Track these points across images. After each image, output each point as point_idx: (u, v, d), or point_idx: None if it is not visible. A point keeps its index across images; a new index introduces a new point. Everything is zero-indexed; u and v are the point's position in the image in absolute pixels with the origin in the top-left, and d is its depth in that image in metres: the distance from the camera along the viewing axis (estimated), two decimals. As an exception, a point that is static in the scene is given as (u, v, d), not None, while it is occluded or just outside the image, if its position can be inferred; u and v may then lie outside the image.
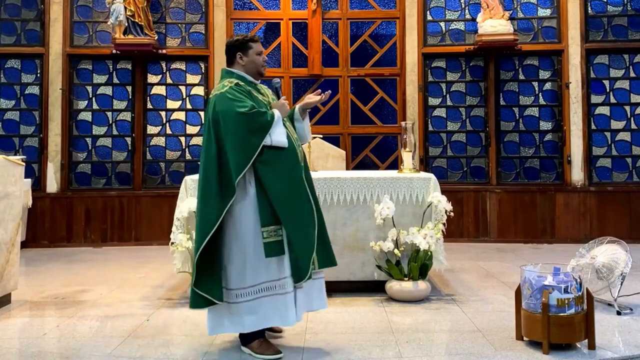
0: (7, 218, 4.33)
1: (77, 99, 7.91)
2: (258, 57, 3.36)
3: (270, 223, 3.13)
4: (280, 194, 3.14)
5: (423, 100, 7.92)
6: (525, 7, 7.95)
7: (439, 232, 4.55)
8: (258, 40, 3.40)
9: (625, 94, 7.83)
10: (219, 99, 3.20)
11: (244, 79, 3.33)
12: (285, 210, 3.13)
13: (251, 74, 3.36)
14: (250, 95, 3.26)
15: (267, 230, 3.12)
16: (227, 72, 3.37)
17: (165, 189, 7.75)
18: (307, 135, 3.54)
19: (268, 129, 3.15)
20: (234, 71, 3.36)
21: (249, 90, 3.27)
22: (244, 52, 3.34)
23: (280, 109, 3.28)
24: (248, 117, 3.12)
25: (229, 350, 3.39)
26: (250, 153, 3.10)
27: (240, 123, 3.11)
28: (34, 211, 7.37)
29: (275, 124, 3.18)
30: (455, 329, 3.78)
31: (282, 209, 3.13)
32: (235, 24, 8.21)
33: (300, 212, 3.18)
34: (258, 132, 3.13)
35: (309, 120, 3.54)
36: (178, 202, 4.63)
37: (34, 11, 7.87)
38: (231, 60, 3.38)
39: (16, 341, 3.64)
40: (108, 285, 5.17)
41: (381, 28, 8.31)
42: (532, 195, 7.69)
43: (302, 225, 3.18)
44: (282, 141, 3.18)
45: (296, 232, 3.14)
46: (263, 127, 3.14)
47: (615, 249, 4.16)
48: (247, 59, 3.34)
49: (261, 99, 3.32)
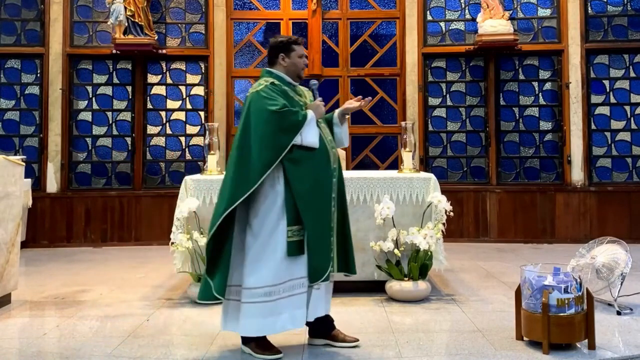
0: (7, 218, 4.32)
1: (77, 99, 7.91)
2: (300, 59, 3.39)
3: (295, 222, 3.14)
4: (304, 193, 3.14)
5: (423, 100, 7.92)
6: (525, 7, 7.95)
7: (439, 232, 4.55)
8: (301, 43, 3.45)
9: (625, 94, 7.83)
10: (254, 97, 3.25)
11: (282, 79, 3.36)
12: (307, 211, 3.13)
13: (291, 75, 3.39)
14: (285, 94, 3.28)
15: (291, 230, 3.14)
16: (267, 71, 3.42)
17: (165, 189, 7.75)
18: (344, 140, 3.55)
19: (299, 128, 3.16)
20: (273, 71, 3.40)
21: (284, 90, 3.30)
22: (287, 53, 3.37)
23: (315, 110, 3.29)
24: (279, 116, 3.15)
25: (229, 350, 3.38)
26: (279, 151, 3.12)
27: (271, 121, 3.14)
28: (34, 211, 7.37)
29: (308, 124, 3.20)
30: (455, 329, 3.78)
31: (305, 208, 3.13)
32: (235, 24, 8.21)
33: (319, 214, 3.18)
34: (288, 130, 3.15)
35: (347, 126, 3.56)
36: (178, 202, 4.63)
37: (34, 11, 7.87)
38: (273, 60, 3.42)
39: (16, 341, 3.64)
40: (108, 285, 5.17)
41: (381, 28, 8.32)
42: (532, 195, 7.69)
43: (321, 228, 3.17)
44: (313, 142, 3.20)
45: (314, 233, 3.14)
46: (294, 126, 3.16)
47: (615, 249, 4.16)
48: (289, 60, 3.37)
49: (297, 100, 3.34)
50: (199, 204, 4.55)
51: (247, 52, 8.28)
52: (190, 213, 4.49)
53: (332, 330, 3.43)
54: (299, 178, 3.15)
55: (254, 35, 8.26)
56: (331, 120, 3.50)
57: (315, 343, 3.44)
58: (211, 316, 4.10)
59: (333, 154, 3.33)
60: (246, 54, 8.27)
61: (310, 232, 3.13)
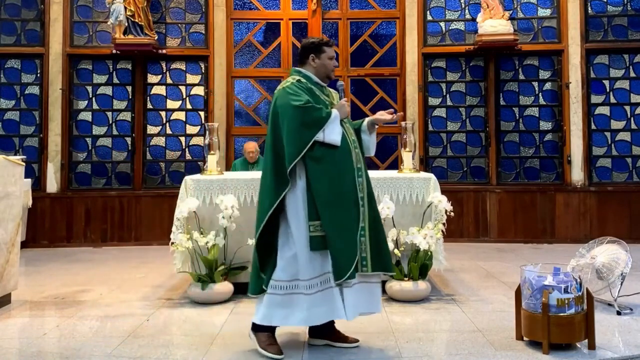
0: (7, 218, 4.32)
1: (77, 99, 7.91)
2: (330, 61, 3.41)
3: (316, 218, 3.16)
4: (323, 192, 3.16)
5: (423, 100, 7.92)
6: (525, 7, 7.95)
7: (439, 232, 4.55)
8: (332, 45, 3.47)
9: (625, 94, 7.83)
10: (280, 94, 3.31)
11: (309, 78, 3.38)
12: (325, 209, 3.15)
13: (320, 76, 3.41)
14: (311, 92, 3.31)
15: (313, 225, 3.17)
16: (296, 70, 3.45)
17: (165, 189, 7.75)
18: (371, 149, 3.55)
19: (322, 125, 3.19)
20: (302, 70, 3.42)
21: (309, 88, 3.33)
22: (317, 54, 3.39)
23: (340, 110, 3.31)
24: (303, 111, 3.19)
25: (229, 350, 3.39)
26: (301, 146, 3.16)
27: (294, 116, 3.19)
28: (34, 211, 7.37)
29: (331, 121, 3.21)
30: (455, 329, 3.78)
31: (323, 207, 3.15)
32: (235, 24, 8.21)
33: (340, 214, 3.17)
34: (311, 126, 3.18)
35: (375, 135, 3.57)
36: (178, 202, 4.63)
37: (34, 11, 7.87)
38: (303, 60, 3.44)
39: (16, 341, 3.64)
40: (108, 285, 5.17)
41: (381, 28, 8.32)
42: (532, 195, 7.69)
43: (341, 228, 3.16)
44: (335, 139, 3.21)
45: (334, 233, 3.14)
46: (316, 122, 3.19)
47: (615, 249, 4.16)
48: (319, 61, 3.39)
49: (323, 99, 3.35)
50: (199, 204, 4.55)
51: (247, 52, 8.28)
52: (190, 213, 4.49)
53: (332, 330, 3.43)
54: (318, 176, 3.18)
55: (254, 35, 8.26)
56: (359, 127, 3.52)
57: (315, 343, 3.44)
58: (211, 316, 4.11)
59: (356, 154, 3.32)
60: (246, 54, 8.27)
61: (329, 230, 3.13)
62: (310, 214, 3.17)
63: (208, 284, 4.41)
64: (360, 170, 3.31)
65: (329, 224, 3.14)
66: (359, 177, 3.28)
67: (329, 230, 3.14)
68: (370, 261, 3.24)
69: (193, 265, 4.57)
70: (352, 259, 3.15)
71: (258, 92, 8.22)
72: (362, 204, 3.25)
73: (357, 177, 3.28)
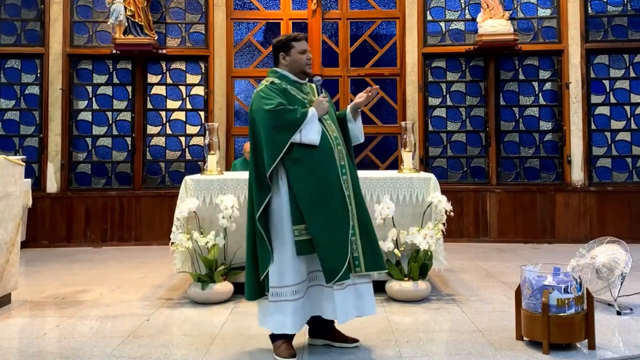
0: (7, 218, 4.32)
1: (77, 99, 7.91)
2: (301, 55, 3.31)
3: (301, 222, 3.10)
4: (307, 193, 3.10)
5: (423, 100, 7.92)
6: (525, 7, 7.95)
7: (439, 232, 4.54)
8: (301, 38, 3.36)
9: (625, 94, 7.83)
10: (254, 97, 3.25)
11: (285, 77, 3.31)
12: (310, 211, 3.08)
13: (295, 73, 3.33)
14: (285, 93, 3.23)
15: (298, 229, 3.11)
16: (271, 71, 3.38)
17: (165, 189, 7.75)
18: (359, 135, 3.49)
19: (297, 127, 3.11)
20: (278, 70, 3.35)
21: (283, 89, 3.25)
22: (286, 51, 3.32)
23: (317, 107, 3.22)
24: (274, 114, 3.11)
25: (229, 351, 3.38)
26: (276, 150, 3.09)
27: (267, 120, 3.12)
28: (34, 211, 7.37)
29: (308, 121, 3.14)
30: (455, 329, 3.78)
31: (307, 209, 3.09)
32: (235, 24, 8.21)
33: (327, 214, 3.11)
34: (284, 129, 3.10)
35: (361, 121, 3.50)
36: (178, 202, 4.63)
37: (34, 11, 7.87)
38: (276, 60, 3.39)
39: (16, 341, 3.64)
40: (108, 285, 5.17)
41: (381, 28, 8.32)
42: (532, 195, 7.69)
43: (329, 228, 3.10)
44: (313, 139, 3.13)
45: (321, 234, 3.08)
46: (290, 124, 3.11)
47: (615, 249, 4.16)
48: (289, 58, 3.32)
49: (301, 97, 3.28)
50: (199, 204, 4.55)
51: (247, 52, 8.28)
52: (190, 213, 4.49)
53: (332, 331, 3.42)
54: (299, 177, 3.12)
55: (254, 35, 8.26)
56: (344, 117, 3.46)
57: (315, 343, 3.43)
58: (211, 316, 4.11)
59: (339, 151, 3.24)
60: (246, 54, 8.27)
61: (316, 232, 3.07)
62: (295, 218, 3.11)
63: (208, 284, 4.41)
64: (344, 168, 3.22)
65: (315, 226, 3.07)
66: (343, 175, 3.20)
67: (316, 232, 3.07)
68: (363, 260, 3.18)
69: (193, 265, 4.57)
70: (344, 259, 3.08)
71: (258, 92, 8.21)
72: (349, 202, 3.18)
73: (342, 175, 3.20)
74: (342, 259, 3.08)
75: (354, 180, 3.27)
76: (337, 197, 3.16)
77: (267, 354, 3.28)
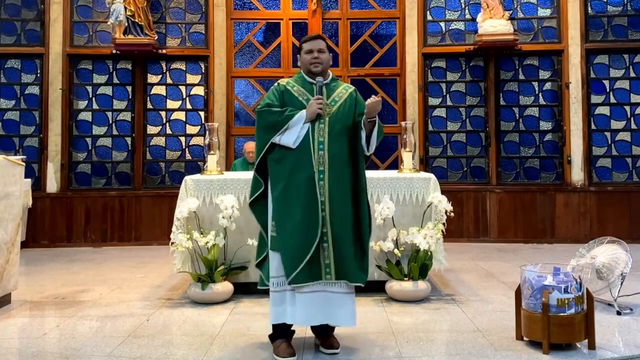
0: (7, 218, 4.32)
1: (77, 99, 7.91)
2: (306, 55, 3.37)
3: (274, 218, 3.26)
4: (276, 192, 3.22)
5: (423, 100, 7.92)
6: (525, 7, 7.95)
7: (439, 232, 4.54)
8: (310, 39, 3.43)
9: (625, 94, 7.83)
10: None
11: (301, 78, 3.41)
12: (278, 210, 3.20)
13: (306, 73, 3.41)
14: (285, 94, 3.33)
15: (272, 225, 3.25)
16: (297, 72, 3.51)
17: (165, 189, 7.75)
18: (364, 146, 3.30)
19: (278, 128, 3.21)
20: (299, 71, 3.46)
21: (284, 90, 3.35)
22: (299, 52, 3.44)
23: (308, 109, 3.23)
24: (259, 115, 3.33)
25: (229, 350, 3.39)
26: (259, 148, 3.30)
27: (256, 119, 3.37)
28: (34, 211, 7.38)
29: (293, 123, 3.20)
30: (455, 329, 3.78)
31: (276, 207, 3.22)
32: (235, 24, 8.21)
33: (291, 215, 3.14)
34: (267, 129, 3.25)
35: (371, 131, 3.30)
36: (178, 202, 4.63)
37: (34, 11, 7.87)
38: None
39: (16, 341, 3.64)
40: (108, 285, 5.17)
41: (381, 28, 8.32)
42: (532, 195, 7.69)
43: (292, 230, 3.12)
44: (288, 141, 3.20)
45: (282, 234, 3.17)
46: (272, 125, 3.23)
47: (615, 249, 4.16)
48: (300, 59, 3.43)
49: (303, 99, 3.30)
50: (199, 204, 4.56)
51: (247, 52, 8.28)
52: (190, 213, 4.49)
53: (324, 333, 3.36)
54: (275, 177, 3.25)
55: (254, 35, 8.26)
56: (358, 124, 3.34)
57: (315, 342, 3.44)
58: (211, 316, 4.11)
59: (319, 156, 3.17)
60: (246, 54, 8.27)
61: (278, 231, 3.19)
62: (273, 214, 3.24)
63: (208, 284, 4.41)
64: (322, 174, 3.15)
65: (278, 225, 3.19)
66: (320, 181, 3.15)
67: (279, 231, 3.19)
68: (334, 269, 3.14)
69: (193, 265, 4.57)
70: (298, 264, 3.08)
71: (258, 92, 8.22)
72: (322, 209, 3.14)
73: (318, 181, 3.15)
74: (297, 263, 3.10)
75: (335, 188, 3.18)
76: (306, 201, 3.14)
77: (267, 354, 3.28)
